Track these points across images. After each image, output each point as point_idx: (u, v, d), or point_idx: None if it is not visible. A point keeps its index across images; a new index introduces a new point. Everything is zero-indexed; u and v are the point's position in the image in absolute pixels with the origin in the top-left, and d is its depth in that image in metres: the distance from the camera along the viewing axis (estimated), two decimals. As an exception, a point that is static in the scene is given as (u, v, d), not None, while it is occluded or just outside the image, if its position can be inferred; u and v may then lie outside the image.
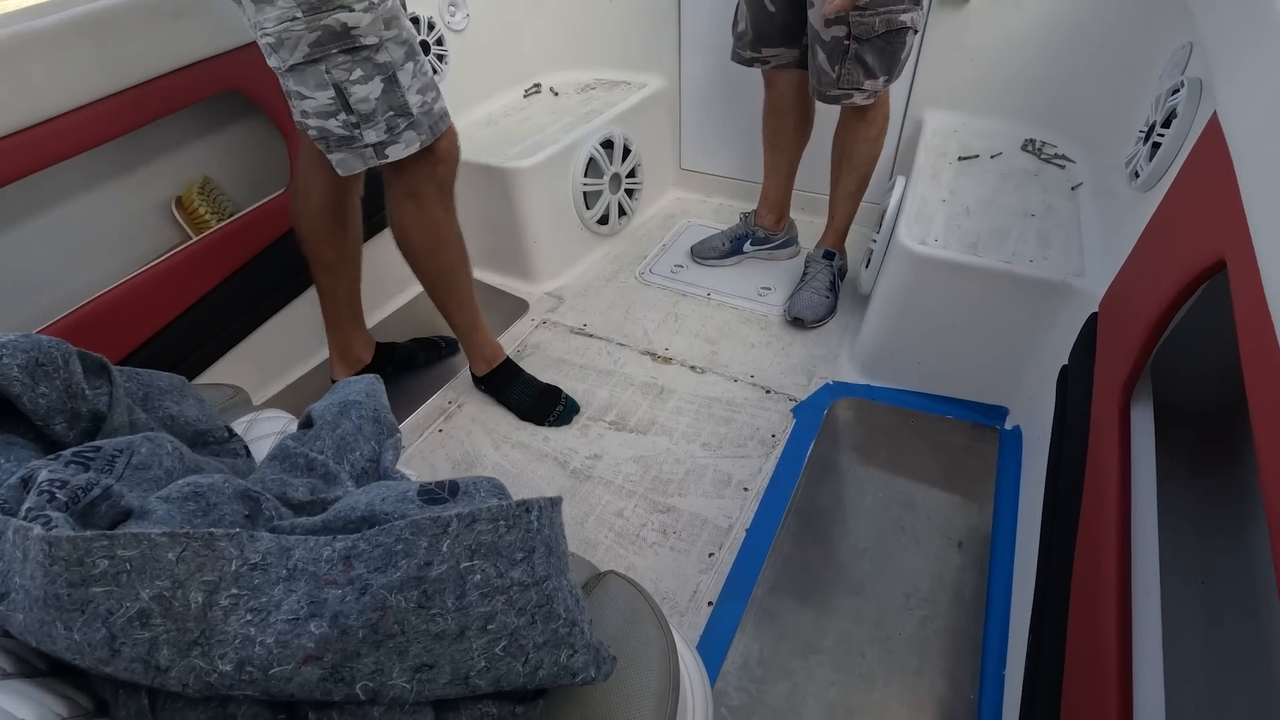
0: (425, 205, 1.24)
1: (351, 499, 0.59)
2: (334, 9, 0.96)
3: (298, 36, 0.97)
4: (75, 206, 1.39)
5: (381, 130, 1.08)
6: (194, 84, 1.33)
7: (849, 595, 1.19)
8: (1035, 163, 1.61)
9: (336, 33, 0.97)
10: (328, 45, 0.98)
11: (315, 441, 0.70)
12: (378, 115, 1.07)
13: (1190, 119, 1.04)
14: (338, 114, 1.05)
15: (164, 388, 0.83)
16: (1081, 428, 1.01)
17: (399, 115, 1.08)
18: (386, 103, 1.06)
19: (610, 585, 0.77)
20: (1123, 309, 1.01)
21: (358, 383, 0.78)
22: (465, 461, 1.46)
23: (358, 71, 1.02)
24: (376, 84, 1.04)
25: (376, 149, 1.10)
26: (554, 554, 0.57)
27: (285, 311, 1.60)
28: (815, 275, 1.76)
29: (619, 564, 1.26)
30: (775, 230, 1.92)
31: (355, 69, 1.01)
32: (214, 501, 0.58)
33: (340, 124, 1.07)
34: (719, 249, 1.95)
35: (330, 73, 1.01)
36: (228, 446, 0.83)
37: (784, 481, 1.37)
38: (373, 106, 1.05)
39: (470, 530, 0.51)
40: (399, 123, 1.09)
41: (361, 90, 1.03)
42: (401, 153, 1.12)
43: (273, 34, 0.98)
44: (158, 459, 0.62)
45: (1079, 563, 0.92)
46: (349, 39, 0.98)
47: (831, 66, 1.43)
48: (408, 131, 1.11)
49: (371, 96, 1.04)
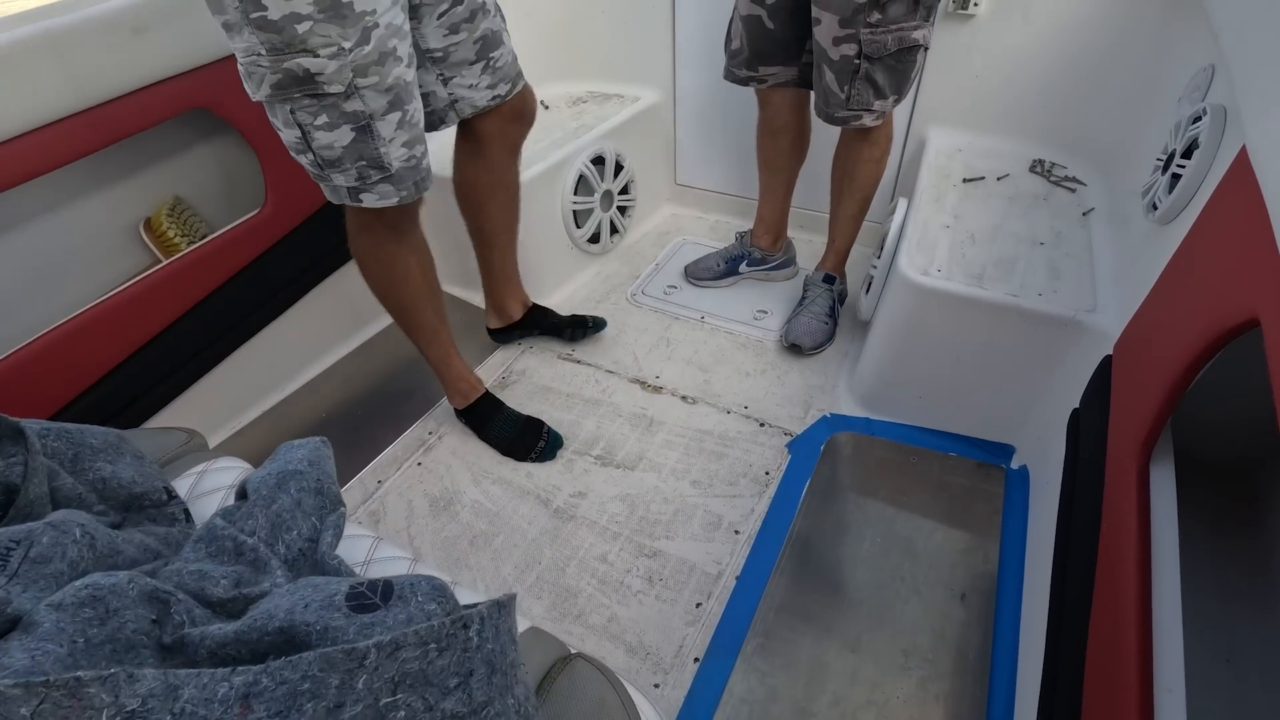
0: (379, 239, 1.18)
1: (272, 603, 0.52)
2: (296, 53, 0.89)
3: (261, 74, 0.91)
4: (37, 231, 1.33)
5: (352, 177, 1.02)
6: (160, 102, 1.27)
7: (844, 652, 1.12)
8: (1044, 185, 1.54)
9: (299, 77, 0.91)
10: (289, 89, 0.92)
11: (247, 520, 0.64)
12: (345, 162, 1.00)
13: (1214, 151, 0.96)
14: (305, 153, 1.00)
15: (97, 446, 0.77)
16: (1095, 482, 0.94)
17: (371, 167, 1.01)
18: (356, 152, 0.99)
19: (577, 673, 0.69)
20: (1141, 359, 0.94)
21: (301, 448, 0.72)
22: (443, 499, 1.40)
23: (322, 118, 0.95)
24: (344, 132, 0.97)
25: (350, 192, 1.04)
26: (498, 671, 0.50)
27: (252, 343, 1.53)
28: (814, 300, 1.69)
29: (601, 614, 1.19)
30: (772, 251, 1.85)
31: (320, 114, 0.94)
32: (114, 607, 0.51)
33: (309, 162, 1.02)
34: (714, 270, 1.88)
35: (295, 114, 0.95)
36: (165, 511, 0.76)
37: (777, 524, 1.30)
38: (338, 154, 0.99)
39: (393, 660, 0.44)
40: (371, 174, 1.03)
41: (325, 137, 0.97)
42: (376, 203, 1.06)
43: (242, 65, 0.93)
44: (60, 550, 0.56)
45: (1094, 633, 0.84)
46: (312, 84, 0.91)
47: (840, 87, 1.34)
48: (382, 184, 1.04)
49: (337, 144, 0.98)
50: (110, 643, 0.50)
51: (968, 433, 1.44)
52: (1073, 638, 0.86)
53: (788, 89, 1.52)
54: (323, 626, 0.49)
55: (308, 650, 0.49)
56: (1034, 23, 1.54)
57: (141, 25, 1.20)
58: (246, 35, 0.89)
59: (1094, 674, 0.81)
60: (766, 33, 1.42)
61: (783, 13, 1.38)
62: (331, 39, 0.89)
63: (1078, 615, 0.86)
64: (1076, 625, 0.85)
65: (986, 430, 1.42)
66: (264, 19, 0.86)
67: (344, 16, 0.89)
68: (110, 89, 1.20)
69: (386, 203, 1.06)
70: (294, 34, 0.87)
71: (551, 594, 1.22)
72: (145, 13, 1.20)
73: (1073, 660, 0.84)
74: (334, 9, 0.88)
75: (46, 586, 0.54)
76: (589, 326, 1.71)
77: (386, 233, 1.18)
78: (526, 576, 1.25)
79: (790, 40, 1.43)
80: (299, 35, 0.87)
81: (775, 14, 1.39)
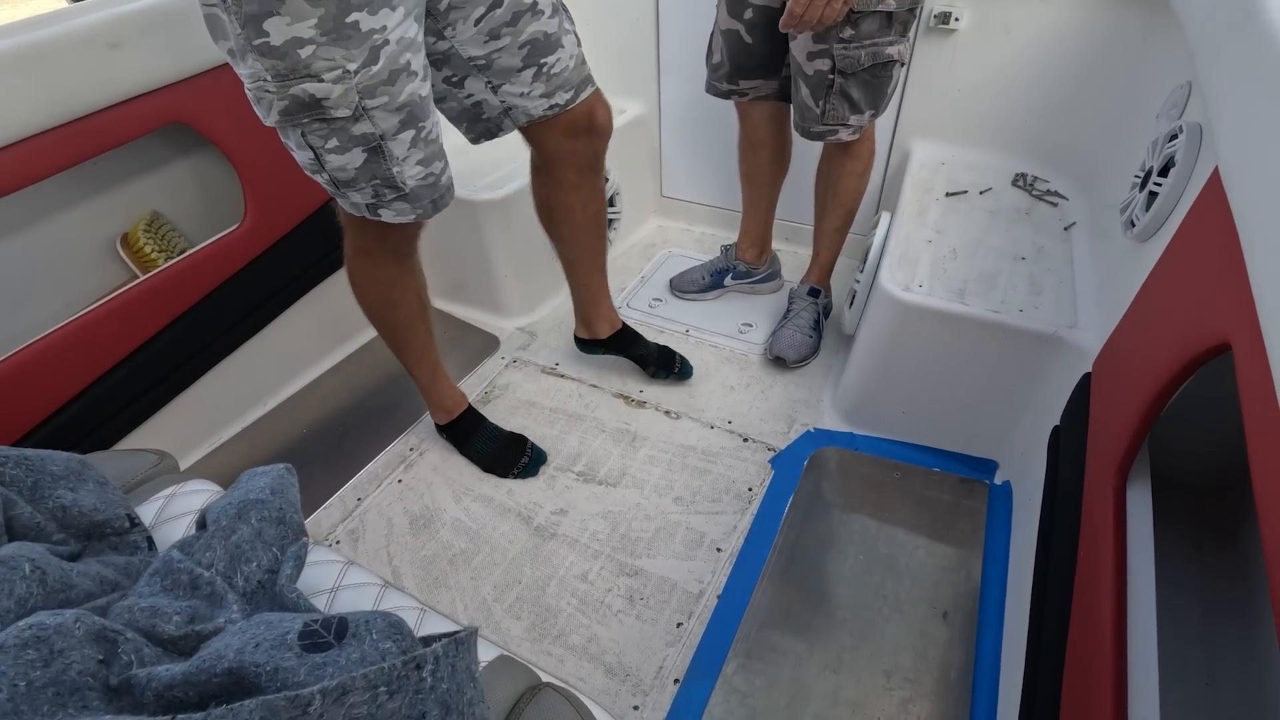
0: (378, 262, 1.17)
1: (223, 642, 0.51)
2: (301, 79, 0.86)
3: (269, 101, 0.89)
4: (11, 247, 1.31)
5: (368, 194, 1.00)
6: (137, 117, 1.26)
7: (826, 673, 1.11)
8: (1026, 199, 1.54)
9: (305, 103, 0.88)
10: (297, 115, 0.89)
11: (205, 552, 0.62)
12: (360, 182, 0.98)
13: (1189, 170, 0.96)
14: (320, 174, 0.98)
15: (58, 473, 0.75)
16: (1074, 504, 0.93)
17: (385, 186, 0.99)
18: (369, 172, 0.97)
19: (545, 703, 0.68)
20: (1118, 377, 0.94)
21: (264, 475, 0.70)
22: (424, 516, 1.38)
23: (333, 141, 0.92)
24: (356, 154, 0.94)
25: (369, 208, 1.03)
26: (452, 712, 0.49)
27: (230, 359, 1.51)
28: (799, 312, 1.68)
29: (581, 634, 1.18)
30: (758, 264, 1.85)
31: (331, 138, 0.92)
32: (59, 648, 0.49)
33: (325, 182, 1.00)
34: (699, 283, 1.88)
35: (306, 137, 0.93)
36: (127, 539, 0.74)
37: (759, 542, 1.29)
38: (351, 175, 0.97)
39: (339, 705, 0.43)
40: (386, 192, 1.00)
41: (337, 159, 0.95)
42: (393, 218, 1.04)
43: (249, 91, 0.91)
44: (7, 587, 0.54)
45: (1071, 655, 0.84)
46: (320, 109, 0.89)
47: (815, 102, 1.35)
48: (398, 202, 1.02)
49: (349, 166, 0.96)
50: (53, 685, 0.48)
51: (951, 448, 1.43)
52: (1050, 660, 0.85)
53: (768, 103, 1.53)
54: (273, 667, 0.48)
55: (258, 691, 0.48)
56: (1015, 38, 1.54)
57: (117, 40, 1.19)
58: (251, 62, 0.86)
59: (1070, 698, 0.80)
60: (745, 47, 1.42)
61: (760, 27, 1.38)
62: (335, 62, 0.86)
63: (1055, 636, 0.86)
64: (1054, 647, 0.85)
65: (970, 446, 1.42)
66: (267, 45, 0.84)
67: (348, 37, 0.86)
68: (87, 104, 1.19)
69: (404, 219, 1.05)
70: (297, 59, 0.85)
71: (531, 614, 1.21)
72: (121, 28, 1.19)
73: (1049, 684, 0.83)
74: (337, 30, 0.85)
75: (-9, 625, 0.52)
76: (675, 370, 1.61)
77: (386, 255, 1.16)
78: (506, 596, 1.24)
79: (769, 55, 1.43)
80: (302, 60, 0.85)
81: (753, 29, 1.39)
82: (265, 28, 0.83)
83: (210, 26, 0.89)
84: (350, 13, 0.85)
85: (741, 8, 1.37)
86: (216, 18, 0.87)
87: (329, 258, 1.62)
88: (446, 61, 1.07)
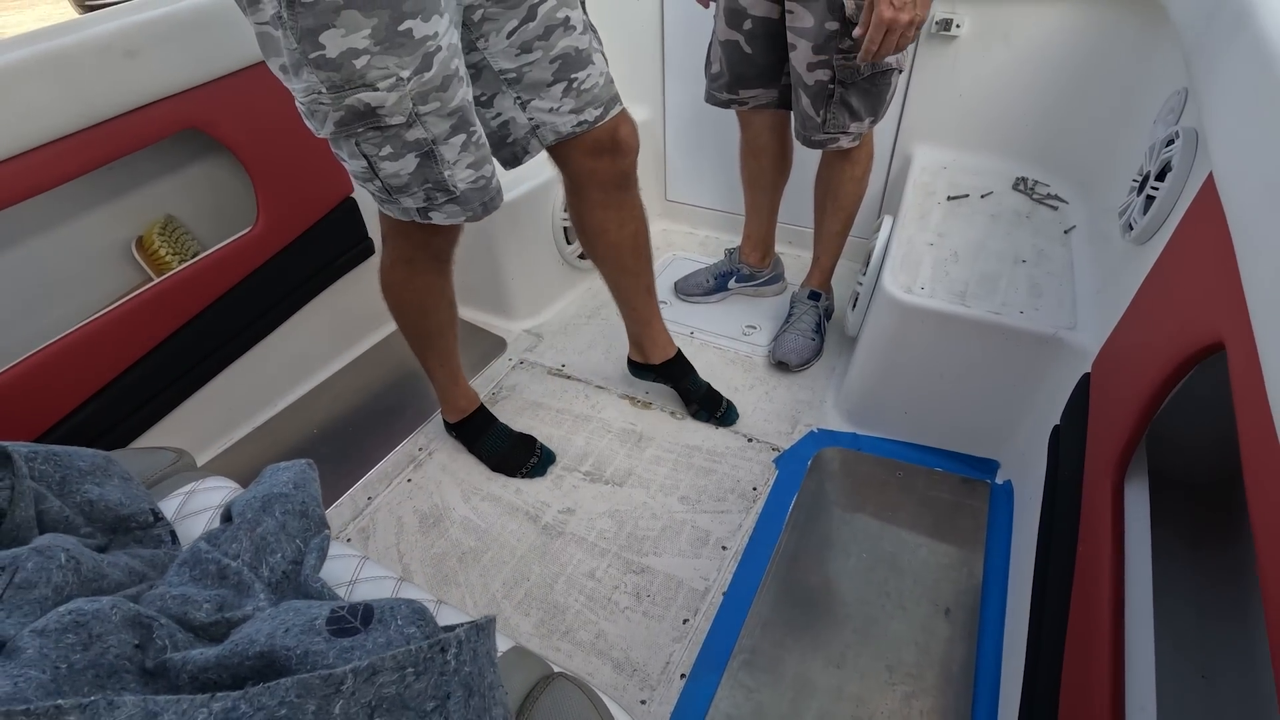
0: (418, 270, 1.20)
1: (253, 628, 0.53)
2: (356, 88, 0.87)
3: (324, 112, 0.90)
4: (30, 250, 1.34)
5: (420, 199, 1.02)
6: (153, 123, 1.28)
7: (829, 668, 1.13)
8: (1027, 203, 1.56)
9: (361, 112, 0.89)
10: (353, 124, 0.91)
11: (231, 544, 0.65)
12: (412, 187, 0.99)
13: (1185, 175, 0.98)
14: (371, 181, 1.00)
15: (85, 469, 0.77)
16: (1073, 501, 0.95)
17: (436, 189, 1.01)
18: (422, 176, 0.98)
19: (559, 693, 0.70)
20: (1116, 377, 0.96)
21: (286, 470, 0.73)
22: (433, 515, 1.40)
23: (387, 149, 0.94)
24: (409, 160, 0.96)
25: (420, 211, 1.04)
26: (475, 694, 0.51)
27: (243, 360, 1.53)
28: (800, 316, 1.70)
29: (588, 630, 1.20)
30: (761, 267, 1.87)
31: (385, 145, 0.93)
32: (97, 632, 0.52)
33: (377, 189, 1.01)
34: (704, 285, 1.90)
35: (360, 146, 0.94)
36: (151, 533, 0.77)
37: (764, 540, 1.31)
38: (404, 181, 0.98)
39: (370, 685, 0.45)
40: (437, 196, 1.02)
41: (391, 166, 0.96)
42: (444, 220, 1.06)
43: (302, 104, 0.92)
44: (45, 575, 0.56)
45: (1070, 650, 0.85)
46: (374, 118, 0.90)
47: (816, 111, 1.38)
48: (449, 205, 1.03)
49: (403, 172, 0.97)
50: (93, 668, 0.50)
51: (953, 448, 1.45)
52: (1049, 656, 0.87)
53: (768, 110, 1.55)
54: (303, 651, 0.50)
55: (288, 675, 0.50)
56: (1015, 44, 1.57)
57: (134, 48, 1.21)
58: (305, 75, 0.87)
59: (1069, 694, 0.82)
60: (745, 57, 1.44)
61: (760, 38, 1.40)
62: (389, 70, 0.87)
63: (1054, 632, 0.88)
64: (1053, 643, 0.86)
65: (972, 445, 1.44)
66: (322, 57, 0.84)
67: (401, 45, 0.86)
68: (104, 110, 1.21)
69: (455, 221, 1.06)
70: (352, 70, 0.86)
71: (539, 610, 1.23)
72: (138, 36, 1.22)
73: (1049, 678, 0.85)
74: (390, 39, 0.85)
75: (30, 612, 0.54)
76: (718, 415, 1.55)
77: (429, 262, 1.19)
78: (515, 593, 1.26)
79: (769, 64, 1.45)
80: (357, 70, 0.86)
81: (753, 39, 1.41)
82: (321, 40, 0.83)
83: (262, 45, 0.89)
84: (403, 20, 0.85)
85: (740, 18, 1.39)
86: (269, 35, 0.87)
87: (339, 261, 1.65)
88: (477, 76, 1.07)
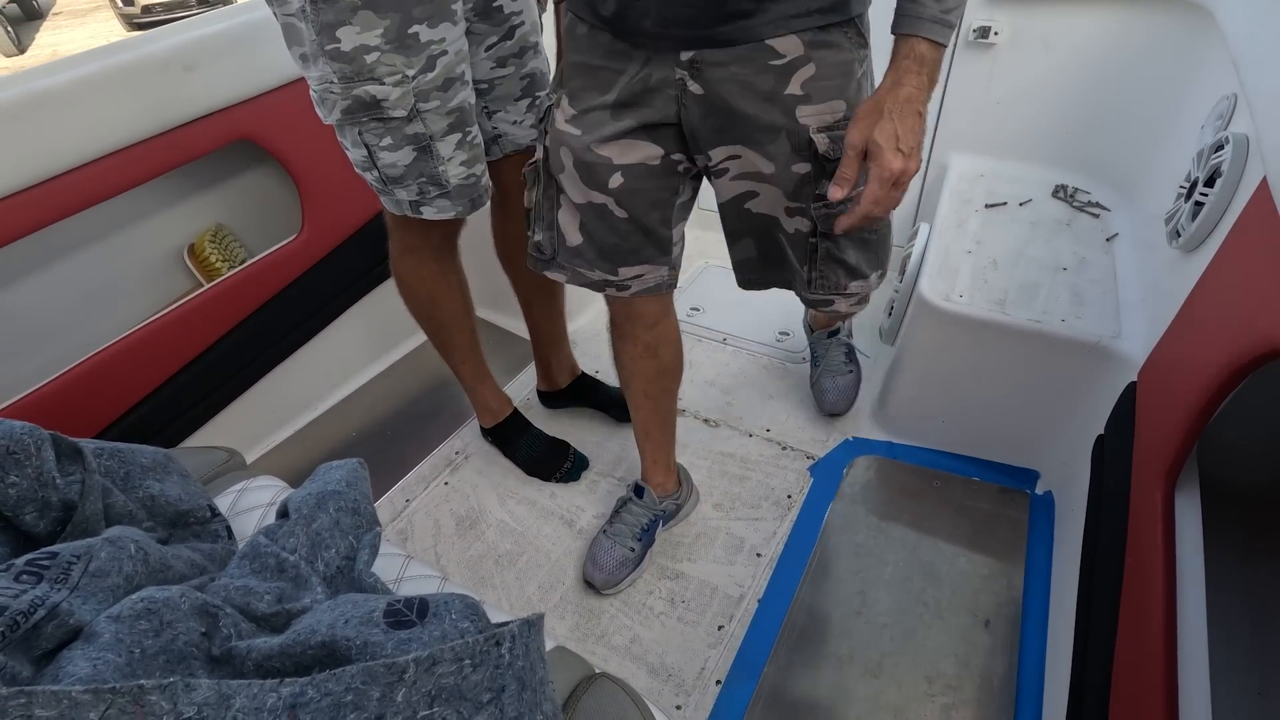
0: (422, 260, 1.24)
1: (314, 618, 0.55)
2: (365, 81, 0.95)
3: (334, 101, 0.98)
4: (89, 257, 1.40)
5: (413, 192, 1.09)
6: (207, 134, 1.33)
7: (866, 678, 1.12)
8: (1067, 210, 1.54)
9: (366, 103, 0.97)
10: (358, 114, 0.98)
11: (289, 538, 0.67)
12: (407, 179, 1.06)
13: (1236, 181, 0.97)
14: (370, 171, 1.07)
15: (146, 465, 0.81)
16: (1120, 512, 0.94)
17: (430, 183, 1.07)
18: (417, 170, 1.05)
19: (601, 692, 0.71)
20: (1164, 386, 0.94)
21: (339, 469, 0.75)
22: (469, 518, 1.42)
23: (387, 139, 1.01)
24: (406, 152, 1.03)
25: (412, 205, 1.11)
26: (528, 688, 0.52)
27: (287, 364, 1.58)
28: (827, 355, 1.57)
29: (623, 635, 1.20)
30: (677, 489, 1.35)
31: (385, 136, 1.01)
32: (168, 619, 0.54)
33: (374, 179, 1.09)
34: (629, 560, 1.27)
35: (362, 135, 1.02)
36: (209, 528, 0.80)
37: (799, 548, 1.31)
38: (400, 172, 1.05)
39: (430, 675, 0.46)
40: (430, 189, 1.08)
41: (389, 156, 1.03)
42: (434, 215, 1.11)
43: (315, 91, 1.01)
44: (117, 564, 0.59)
45: (1119, 665, 0.84)
46: (378, 109, 0.98)
47: (800, 265, 0.99)
48: (440, 199, 1.10)
49: (400, 163, 1.04)
50: (164, 653, 0.52)
51: (991, 457, 1.43)
52: (1097, 669, 0.85)
53: (656, 298, 1.09)
54: (362, 642, 0.52)
55: (348, 663, 0.52)
56: (1055, 50, 1.55)
57: (192, 63, 1.26)
58: (321, 65, 0.95)
59: (1118, 710, 0.80)
60: (619, 223, 0.96)
61: (641, 193, 0.94)
62: (396, 68, 0.95)
63: (1102, 647, 0.86)
64: (1101, 657, 0.85)
65: (1010, 455, 1.42)
66: (337, 50, 0.93)
67: (409, 47, 0.95)
68: (164, 122, 1.26)
69: (444, 215, 1.12)
70: (363, 64, 0.94)
71: (575, 614, 1.24)
72: (195, 51, 1.27)
73: (1097, 693, 0.84)
74: (400, 40, 0.94)
75: (104, 599, 0.57)
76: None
77: (431, 253, 1.24)
78: (550, 596, 1.27)
79: (657, 225, 0.97)
80: (367, 65, 0.94)
81: (630, 196, 0.94)
82: (338, 35, 0.92)
83: (286, 34, 0.99)
84: (412, 25, 0.94)
85: (606, 173, 0.92)
86: (294, 26, 0.96)
87: (379, 268, 1.69)
88: None
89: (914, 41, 0.75)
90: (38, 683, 0.49)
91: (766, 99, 0.85)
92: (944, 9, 0.74)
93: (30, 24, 9.05)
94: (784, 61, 0.83)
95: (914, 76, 0.76)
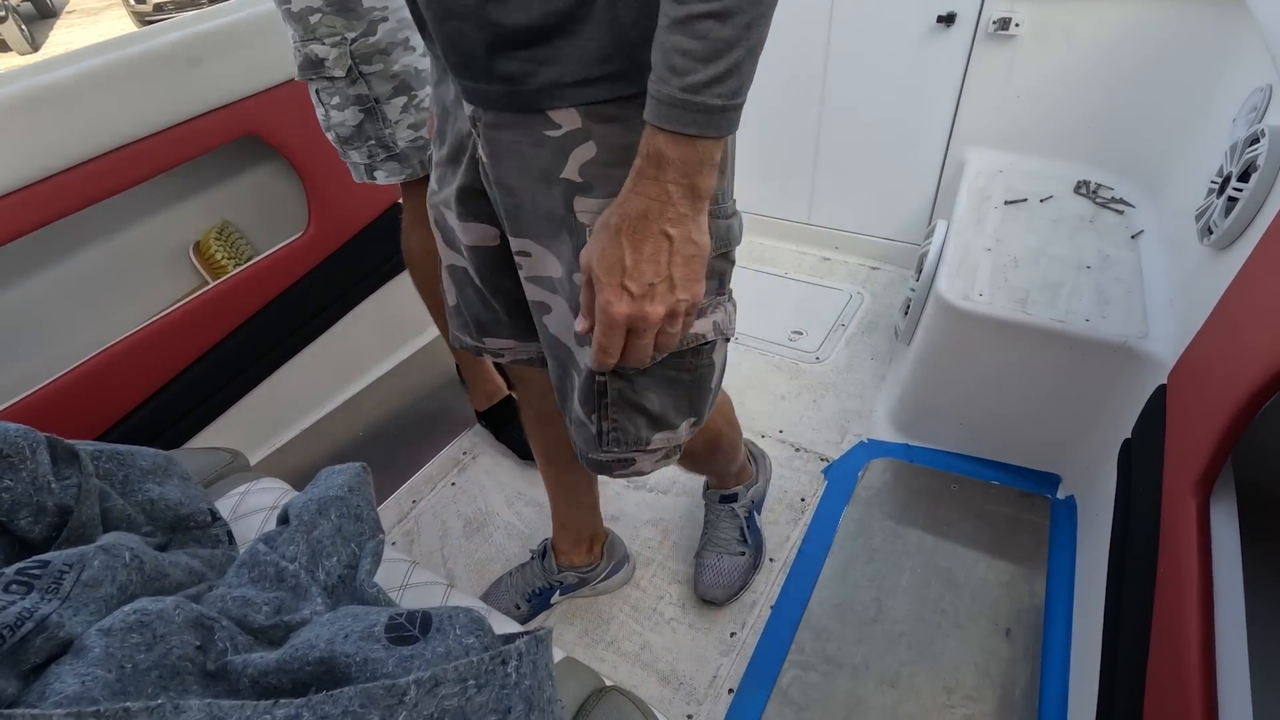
0: (413, 224, 1.25)
1: (312, 632, 0.52)
2: (310, 40, 1.04)
3: (294, 58, 1.07)
4: (93, 254, 1.38)
5: (364, 154, 1.14)
6: (213, 130, 1.31)
7: (883, 687, 1.09)
8: (1090, 207, 1.50)
9: (313, 61, 1.05)
10: (307, 71, 1.07)
11: (288, 546, 0.64)
12: (356, 140, 1.12)
13: (1273, 176, 0.93)
14: (329, 131, 1.13)
15: (146, 468, 0.79)
16: (1151, 517, 0.90)
17: (379, 146, 1.13)
18: (365, 132, 1.11)
19: (611, 706, 0.68)
20: (1198, 389, 0.90)
21: (341, 473, 0.72)
22: (477, 520, 1.40)
23: (335, 99, 1.09)
24: (353, 113, 1.09)
25: (366, 169, 1.15)
26: (535, 708, 0.49)
27: (293, 362, 1.56)
28: (715, 527, 1.24)
29: (633, 641, 1.18)
30: (592, 561, 1.22)
31: (334, 95, 1.08)
32: (161, 633, 0.52)
33: (333, 139, 1.15)
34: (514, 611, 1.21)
35: (318, 94, 1.10)
36: (209, 532, 0.77)
37: (813, 552, 1.28)
38: (349, 132, 1.11)
39: (432, 696, 0.44)
40: (379, 152, 1.13)
41: (337, 115, 1.10)
42: (385, 179, 1.16)
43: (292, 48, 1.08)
44: (110, 574, 0.57)
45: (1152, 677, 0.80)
46: (322, 68, 1.05)
47: (588, 414, 0.73)
48: (388, 162, 1.14)
49: (348, 123, 1.10)
50: (156, 669, 0.50)
51: (1011, 461, 1.39)
52: (1129, 682, 0.82)
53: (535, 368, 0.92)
54: (362, 658, 0.49)
55: (347, 681, 0.49)
56: (1078, 42, 1.51)
57: (197, 57, 1.25)
58: (289, 25, 1.05)
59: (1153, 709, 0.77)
60: (478, 294, 0.82)
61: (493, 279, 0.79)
62: (336, 29, 1.02)
63: (1134, 658, 0.83)
64: (1133, 669, 0.81)
65: (1031, 459, 1.38)
66: (288, 11, 1.02)
67: (350, 10, 1.02)
68: (167, 118, 1.25)
69: (395, 179, 1.16)
70: (309, 24, 1.02)
71: (584, 619, 1.21)
72: (200, 45, 1.25)
73: (1130, 707, 0.80)
74: (341, 3, 1.01)
75: (97, 610, 0.55)
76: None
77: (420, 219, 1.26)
78: (559, 602, 1.24)
79: (510, 309, 0.82)
80: (311, 25, 1.02)
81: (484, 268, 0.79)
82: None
83: None
84: None
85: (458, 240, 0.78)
86: None
87: (386, 266, 1.67)
88: None
89: (648, 133, 0.53)
90: (24, 699, 0.47)
91: (543, 179, 0.62)
92: (687, 84, 0.50)
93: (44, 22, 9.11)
94: (560, 134, 0.60)
95: (651, 184, 0.53)
